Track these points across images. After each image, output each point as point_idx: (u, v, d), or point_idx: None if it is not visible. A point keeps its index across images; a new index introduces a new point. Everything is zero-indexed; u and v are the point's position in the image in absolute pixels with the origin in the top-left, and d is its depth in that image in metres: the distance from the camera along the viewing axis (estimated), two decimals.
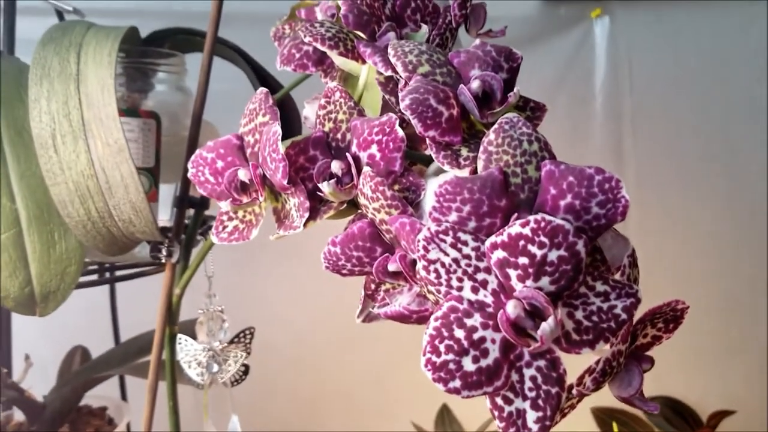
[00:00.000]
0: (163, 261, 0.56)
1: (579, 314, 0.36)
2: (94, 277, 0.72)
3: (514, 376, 0.36)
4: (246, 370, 0.64)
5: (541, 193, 0.38)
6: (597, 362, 0.38)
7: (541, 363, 0.36)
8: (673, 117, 1.26)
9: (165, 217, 0.63)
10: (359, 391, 1.23)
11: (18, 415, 0.69)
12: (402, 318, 0.41)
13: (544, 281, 0.35)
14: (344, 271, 0.44)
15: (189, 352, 0.62)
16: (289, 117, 0.64)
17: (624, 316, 0.36)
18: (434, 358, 0.36)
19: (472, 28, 0.57)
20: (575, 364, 0.38)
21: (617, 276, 0.39)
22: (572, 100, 1.27)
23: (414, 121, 0.40)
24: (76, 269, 0.54)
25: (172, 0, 0.92)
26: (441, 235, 0.37)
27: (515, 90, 0.41)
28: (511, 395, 0.36)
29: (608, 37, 1.25)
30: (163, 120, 0.63)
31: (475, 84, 0.42)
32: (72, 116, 0.52)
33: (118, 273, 0.74)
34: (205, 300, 0.62)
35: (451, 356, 0.36)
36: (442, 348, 0.36)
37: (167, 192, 0.63)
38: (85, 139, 0.52)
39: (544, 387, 0.36)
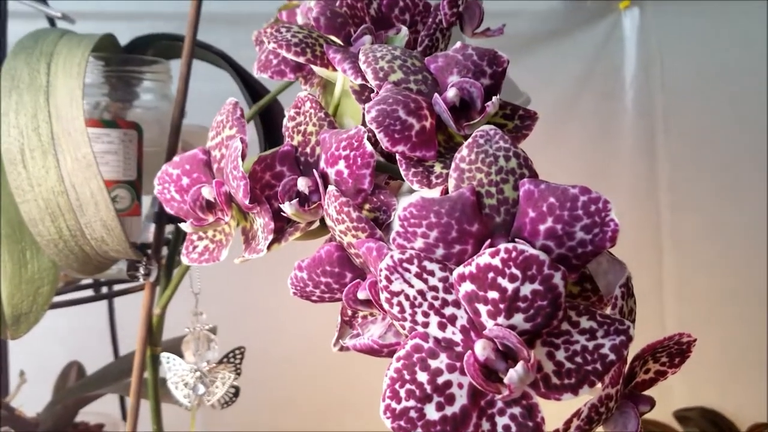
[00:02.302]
0: (141, 280, 0.54)
1: (560, 355, 0.32)
2: (90, 292, 0.70)
3: (485, 426, 0.32)
4: (236, 391, 0.61)
5: (519, 216, 0.34)
6: (584, 406, 0.34)
7: (516, 410, 0.32)
8: (708, 113, 1.19)
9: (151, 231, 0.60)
10: (367, 403, 1.20)
11: None
12: (371, 352, 0.38)
13: (518, 318, 0.31)
14: (314, 298, 0.41)
15: (177, 372, 0.59)
16: (275, 124, 0.60)
17: (612, 356, 0.32)
18: (394, 405, 0.32)
19: (467, 27, 0.53)
20: (564, 404, 0.34)
21: (609, 309, 0.35)
22: (600, 97, 1.22)
23: (380, 136, 0.36)
24: (49, 290, 0.51)
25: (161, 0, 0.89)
26: (405, 264, 0.33)
27: (494, 99, 0.37)
28: None
29: (638, 29, 1.19)
30: (150, 130, 0.60)
31: (450, 92, 0.38)
32: (41, 130, 0.49)
33: (116, 288, 0.72)
34: (192, 318, 0.59)
35: (412, 403, 0.32)
36: (402, 393, 0.32)
37: None
38: (55, 154, 0.49)
39: None
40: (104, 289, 0.72)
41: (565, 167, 1.25)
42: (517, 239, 0.33)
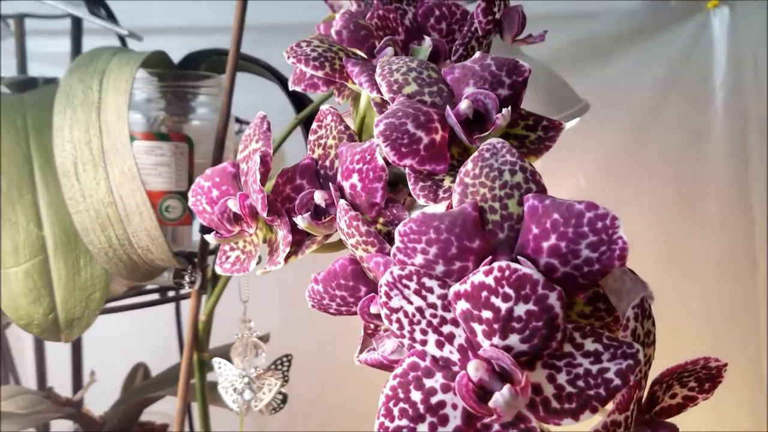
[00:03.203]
0: (187, 288, 0.55)
1: (561, 378, 0.31)
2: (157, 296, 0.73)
3: None
4: (284, 398, 0.62)
5: (523, 233, 0.32)
6: None
7: None
8: None
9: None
10: None
11: None
12: (381, 367, 0.37)
13: (513, 339, 0.30)
14: (331, 311, 0.41)
15: (227, 377, 0.61)
16: None
17: (618, 381, 0.30)
18: (387, 423, 0.31)
19: (506, 34, 0.51)
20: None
21: (621, 332, 0.33)
22: (688, 100, 1.16)
23: (386, 150, 0.35)
24: (100, 296, 0.54)
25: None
26: (404, 281, 0.32)
27: (504, 110, 0.36)
28: None
29: (728, 29, 1.13)
30: (205, 142, 0.62)
31: (463, 105, 0.37)
32: (92, 144, 0.52)
33: (183, 292, 0.74)
34: (240, 326, 0.61)
35: (405, 422, 0.31)
36: (396, 412, 0.31)
37: None
38: (104, 167, 0.51)
39: None
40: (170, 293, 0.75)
41: (652, 174, 1.20)
42: (520, 257, 0.32)
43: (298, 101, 0.60)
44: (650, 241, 1.20)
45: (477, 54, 0.40)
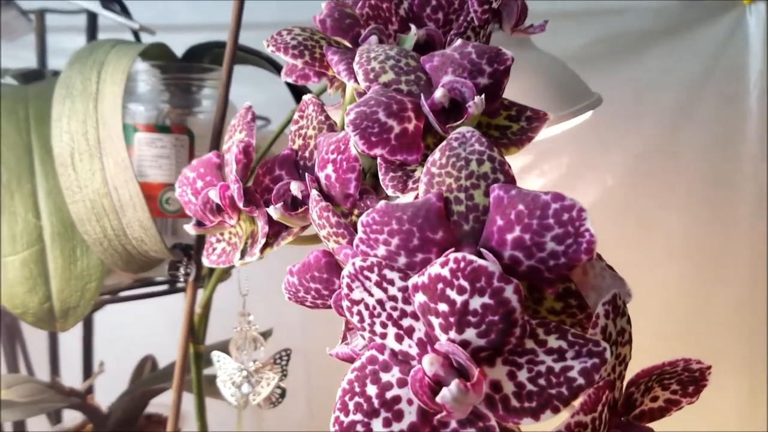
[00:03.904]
0: (182, 280, 0.55)
1: (522, 375, 0.29)
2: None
3: None
4: (283, 392, 0.62)
5: (488, 224, 0.31)
6: None
7: None
8: None
9: None
10: None
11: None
12: (351, 361, 0.36)
13: (470, 333, 0.29)
14: (308, 304, 0.40)
15: (226, 370, 0.61)
16: None
17: (581, 380, 0.29)
18: (342, 417, 0.31)
19: (506, 24, 0.50)
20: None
21: (591, 329, 0.31)
22: (721, 99, 1.12)
23: (354, 139, 0.35)
24: (96, 286, 0.54)
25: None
26: (366, 272, 0.31)
27: (477, 98, 0.35)
28: None
29: (765, 26, 1.09)
30: (207, 132, 0.62)
31: (438, 93, 0.36)
32: (89, 135, 0.52)
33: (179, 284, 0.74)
34: (239, 319, 0.60)
35: (359, 416, 0.30)
36: (351, 406, 0.31)
37: None
38: (100, 158, 0.52)
39: None
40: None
41: (682, 175, 1.16)
42: (483, 249, 0.31)
43: (298, 94, 0.60)
44: (681, 244, 1.17)
45: (458, 41, 0.39)
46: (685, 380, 0.34)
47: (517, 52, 0.40)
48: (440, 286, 0.29)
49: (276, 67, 0.60)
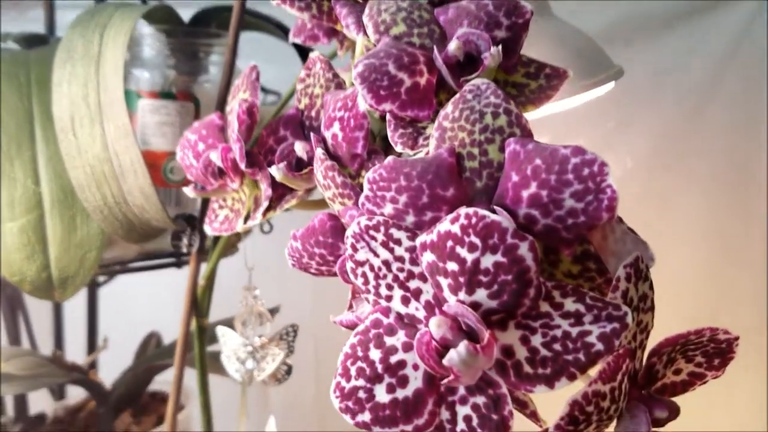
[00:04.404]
0: (185, 251, 0.54)
1: (536, 340, 0.27)
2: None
3: (444, 414, 0.28)
4: (289, 369, 0.60)
5: (502, 181, 0.29)
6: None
7: (480, 400, 0.28)
8: None
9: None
10: None
11: None
12: (354, 328, 0.35)
13: (481, 294, 0.27)
14: (312, 270, 0.38)
15: (230, 346, 0.59)
16: None
17: (600, 346, 0.27)
18: (343, 383, 0.29)
19: None
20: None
21: (611, 293, 0.29)
22: (745, 80, 1.08)
23: (363, 92, 0.33)
24: (95, 255, 0.52)
25: None
26: (371, 232, 0.30)
27: (493, 49, 0.33)
28: None
29: None
30: (214, 102, 0.60)
31: (452, 45, 0.34)
32: (90, 99, 0.50)
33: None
34: (245, 293, 0.59)
35: (361, 382, 0.29)
36: (353, 371, 0.29)
37: None
38: (101, 122, 0.50)
39: None
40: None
41: (703, 158, 1.13)
42: (497, 207, 0.29)
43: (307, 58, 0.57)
44: (702, 226, 1.14)
45: None
46: (711, 352, 0.32)
47: (536, 19, 0.38)
48: (450, 243, 0.27)
49: (285, 32, 0.58)
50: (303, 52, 0.58)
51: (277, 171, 0.36)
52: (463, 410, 0.28)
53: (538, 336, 0.27)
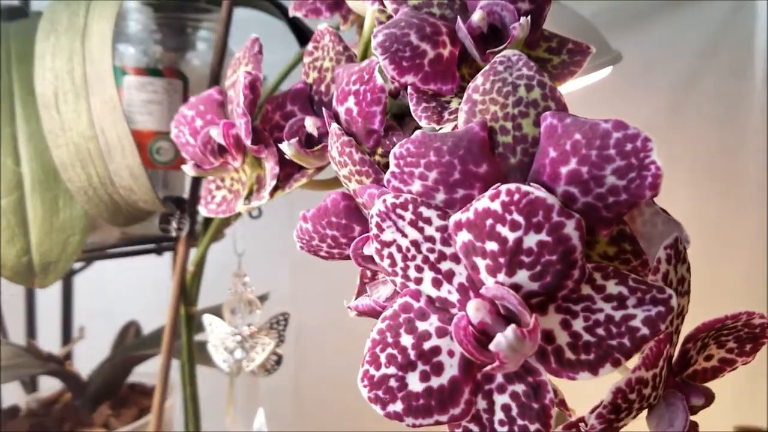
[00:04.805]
0: (174, 234, 0.51)
1: (578, 324, 0.26)
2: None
3: (481, 404, 0.27)
4: (279, 359, 0.58)
5: (538, 157, 0.28)
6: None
7: (519, 388, 0.26)
8: None
9: None
10: None
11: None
12: (373, 314, 0.33)
13: (522, 276, 0.25)
14: (322, 253, 0.36)
15: (218, 335, 0.57)
16: None
17: (645, 330, 0.26)
18: (372, 371, 0.27)
19: None
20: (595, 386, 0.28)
21: (651, 275, 0.28)
22: (726, 73, 1.09)
23: (384, 63, 0.31)
24: (78, 239, 0.50)
25: None
26: (399, 210, 0.28)
27: (522, 19, 0.31)
28: (475, 429, 0.27)
29: None
30: (203, 81, 0.58)
31: (476, 16, 0.32)
32: (75, 73, 0.48)
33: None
34: (234, 280, 0.56)
35: (392, 370, 0.27)
36: (383, 359, 0.27)
37: None
38: (87, 97, 0.47)
39: (519, 422, 0.26)
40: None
41: (686, 149, 1.14)
42: (533, 184, 0.27)
43: (303, 36, 0.55)
44: (686, 216, 1.14)
45: None
46: (744, 337, 0.31)
47: None
48: (489, 222, 0.25)
49: (278, 7, 0.56)
50: (297, 30, 0.55)
51: (288, 147, 0.34)
52: (501, 399, 0.26)
53: (579, 320, 0.26)
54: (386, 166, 0.34)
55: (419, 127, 0.40)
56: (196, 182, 0.51)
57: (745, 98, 1.11)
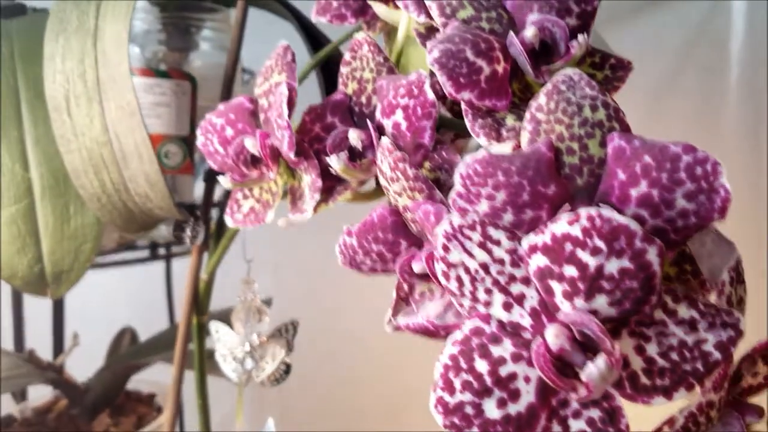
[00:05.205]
0: (188, 242, 0.50)
1: (652, 349, 0.26)
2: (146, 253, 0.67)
3: (556, 429, 0.26)
4: (287, 368, 0.57)
5: (606, 178, 0.28)
6: (680, 414, 0.28)
7: (595, 414, 0.26)
8: None
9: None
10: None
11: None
12: (426, 333, 0.32)
13: (601, 301, 0.25)
14: (364, 268, 0.36)
15: (226, 343, 0.56)
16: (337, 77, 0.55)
17: (717, 355, 0.26)
18: (447, 398, 0.27)
19: None
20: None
21: (714, 297, 0.28)
22: (703, 72, 1.11)
23: (442, 79, 0.30)
24: (91, 247, 0.48)
25: None
26: (466, 231, 0.27)
27: (581, 37, 0.31)
28: None
29: None
30: (208, 83, 0.56)
31: (529, 32, 0.32)
32: (87, 76, 0.46)
33: (174, 250, 0.69)
34: (243, 287, 0.55)
35: (468, 396, 0.26)
36: (457, 385, 0.27)
37: None
38: (100, 102, 0.46)
39: None
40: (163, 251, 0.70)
41: None
42: (602, 206, 0.27)
43: (314, 41, 0.54)
44: None
45: None
46: None
47: None
48: (569, 246, 0.25)
49: (289, 9, 0.55)
50: (312, 37, 0.54)
51: (337, 161, 0.33)
52: (576, 425, 0.26)
53: (653, 345, 0.26)
54: (434, 180, 0.34)
55: (455, 139, 0.40)
56: (210, 189, 0.50)
57: (720, 97, 1.13)
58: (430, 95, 0.32)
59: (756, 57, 1.10)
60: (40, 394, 0.69)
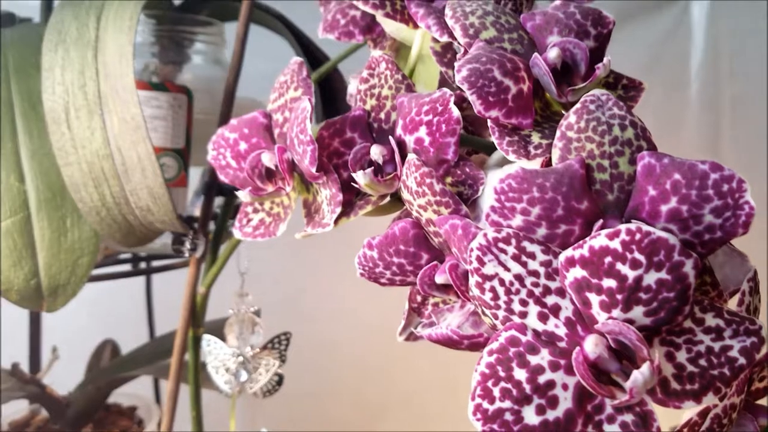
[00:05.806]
0: (187, 255, 0.50)
1: (682, 356, 0.27)
2: (128, 267, 0.66)
3: None
4: (280, 380, 0.57)
5: (635, 195, 0.29)
6: (700, 416, 0.29)
7: (628, 418, 0.27)
8: None
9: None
10: (427, 395, 1.13)
11: (45, 411, 0.64)
12: (450, 343, 0.33)
13: (637, 312, 0.26)
14: (383, 280, 0.36)
15: (218, 356, 0.56)
16: (335, 94, 0.56)
17: (742, 360, 0.27)
18: (486, 405, 0.28)
19: None
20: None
21: (732, 305, 0.30)
22: (665, 87, 1.15)
23: (472, 98, 0.31)
24: (88, 261, 0.47)
25: None
26: (501, 244, 0.28)
27: (605, 61, 0.32)
28: None
29: (707, 16, 1.12)
30: (199, 96, 0.56)
31: (552, 53, 0.33)
32: (88, 88, 0.45)
33: (156, 263, 0.68)
34: (236, 299, 0.55)
35: (508, 404, 0.27)
36: (496, 392, 0.28)
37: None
38: (101, 114, 0.45)
39: None
40: (143, 265, 0.69)
41: None
42: (633, 221, 0.29)
43: (312, 58, 0.55)
44: None
45: (557, 1, 0.36)
46: None
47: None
48: (608, 260, 0.26)
49: (288, 27, 0.55)
50: (310, 54, 0.55)
51: (363, 177, 0.34)
52: (610, 428, 0.27)
53: (682, 352, 0.27)
54: (456, 194, 0.35)
55: (469, 154, 0.41)
56: (209, 201, 0.50)
57: (680, 113, 1.17)
58: (456, 112, 0.33)
59: (716, 73, 1.14)
60: (15, 409, 0.67)
